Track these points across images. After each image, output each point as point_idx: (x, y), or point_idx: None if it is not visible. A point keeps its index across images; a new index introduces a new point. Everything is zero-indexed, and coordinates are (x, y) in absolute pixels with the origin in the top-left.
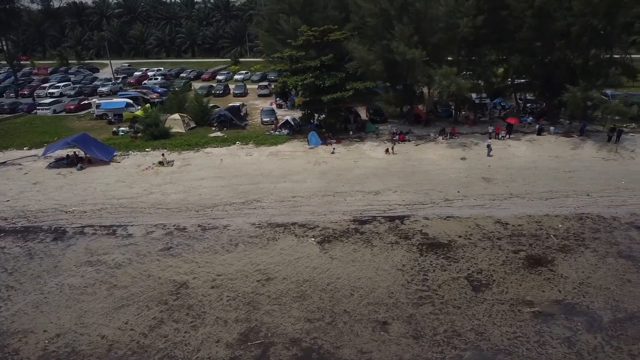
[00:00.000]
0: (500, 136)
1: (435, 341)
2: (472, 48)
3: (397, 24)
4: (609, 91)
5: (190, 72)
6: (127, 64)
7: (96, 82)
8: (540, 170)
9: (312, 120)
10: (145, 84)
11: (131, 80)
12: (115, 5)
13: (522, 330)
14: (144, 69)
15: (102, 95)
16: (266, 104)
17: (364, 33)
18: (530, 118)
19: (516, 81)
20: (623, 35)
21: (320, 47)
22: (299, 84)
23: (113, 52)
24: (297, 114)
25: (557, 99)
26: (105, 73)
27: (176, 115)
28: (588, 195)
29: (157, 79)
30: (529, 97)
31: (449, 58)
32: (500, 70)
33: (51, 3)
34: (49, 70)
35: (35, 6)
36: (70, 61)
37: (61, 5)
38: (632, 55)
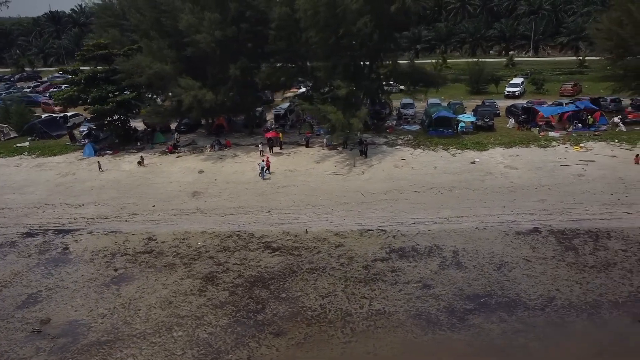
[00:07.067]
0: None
1: None
2: (225, 61)
3: (140, 39)
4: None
5: None
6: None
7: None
8: (257, 185)
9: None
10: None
11: (40, 88)
12: (90, 14)
13: None
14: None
15: None
16: None
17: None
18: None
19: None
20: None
21: (98, 59)
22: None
23: (73, 59)
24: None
25: None
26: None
27: None
28: (269, 212)
29: (60, 87)
30: None
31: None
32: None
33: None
34: None
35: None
36: (26, 69)
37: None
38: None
